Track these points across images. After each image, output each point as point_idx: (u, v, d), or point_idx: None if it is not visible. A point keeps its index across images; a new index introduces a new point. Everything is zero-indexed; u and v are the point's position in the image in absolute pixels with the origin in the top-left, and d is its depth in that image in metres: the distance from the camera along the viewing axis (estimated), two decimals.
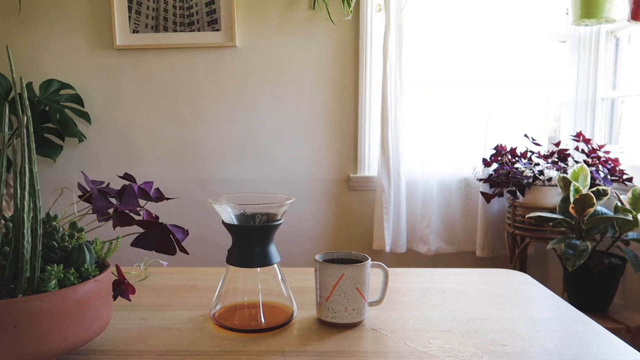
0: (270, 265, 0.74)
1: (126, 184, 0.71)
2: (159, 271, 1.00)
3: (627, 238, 1.67)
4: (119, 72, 2.25)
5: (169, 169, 2.30)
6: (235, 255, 0.73)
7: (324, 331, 0.72)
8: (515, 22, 2.13)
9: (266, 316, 0.73)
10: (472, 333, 0.71)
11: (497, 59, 2.14)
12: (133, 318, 0.76)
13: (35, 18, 2.22)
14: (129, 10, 2.18)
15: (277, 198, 0.74)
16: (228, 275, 0.75)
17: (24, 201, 0.55)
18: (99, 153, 2.30)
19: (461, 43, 2.16)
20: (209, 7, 2.16)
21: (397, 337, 0.69)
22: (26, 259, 0.56)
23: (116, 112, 2.28)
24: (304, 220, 2.30)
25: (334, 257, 0.77)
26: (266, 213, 0.73)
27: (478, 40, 2.15)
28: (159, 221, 0.70)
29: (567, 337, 0.70)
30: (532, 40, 2.15)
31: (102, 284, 0.61)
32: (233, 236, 0.74)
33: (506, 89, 2.16)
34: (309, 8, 2.19)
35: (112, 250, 0.67)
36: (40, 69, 2.24)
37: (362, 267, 0.73)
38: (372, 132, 2.26)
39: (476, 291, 0.90)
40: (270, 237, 0.74)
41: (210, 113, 2.27)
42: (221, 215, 0.74)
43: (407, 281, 0.96)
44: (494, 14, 2.12)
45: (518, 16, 2.13)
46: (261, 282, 0.75)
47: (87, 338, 0.59)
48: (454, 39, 2.16)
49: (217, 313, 0.75)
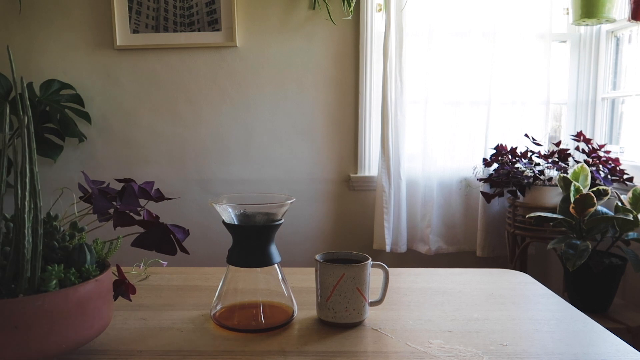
0: (270, 265, 0.74)
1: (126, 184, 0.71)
2: (160, 271, 1.01)
3: (627, 238, 1.67)
4: (120, 72, 2.25)
5: (170, 169, 2.30)
6: (235, 255, 0.73)
7: (324, 331, 0.72)
8: (515, 22, 2.13)
9: (266, 316, 0.74)
10: (473, 333, 0.71)
11: (497, 59, 2.14)
12: (133, 318, 0.76)
13: (35, 18, 2.22)
14: (129, 10, 2.18)
15: (278, 198, 0.74)
16: (228, 275, 0.75)
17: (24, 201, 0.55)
18: (99, 153, 2.30)
19: (461, 43, 2.16)
20: (209, 7, 2.16)
21: (398, 337, 0.69)
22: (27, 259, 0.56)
23: (116, 112, 2.28)
24: (304, 220, 2.30)
25: (334, 257, 0.77)
26: (266, 213, 0.73)
27: (478, 39, 2.15)
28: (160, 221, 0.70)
29: (568, 337, 0.70)
30: (532, 40, 2.14)
31: (103, 284, 0.61)
32: (233, 236, 0.74)
33: (506, 89, 2.16)
34: (309, 8, 2.19)
35: (112, 250, 0.67)
36: (41, 69, 2.24)
37: (363, 267, 0.73)
38: (372, 132, 2.26)
39: (476, 291, 0.90)
40: (270, 237, 0.74)
41: (210, 113, 2.27)
42: (222, 215, 0.74)
43: (407, 281, 0.96)
44: (494, 14, 2.12)
45: (518, 16, 2.13)
46: (261, 282, 0.75)
47: (88, 338, 0.59)
48: (454, 39, 2.16)
49: (217, 313, 0.75)
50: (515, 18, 2.13)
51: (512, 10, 2.12)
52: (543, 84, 2.16)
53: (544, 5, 2.12)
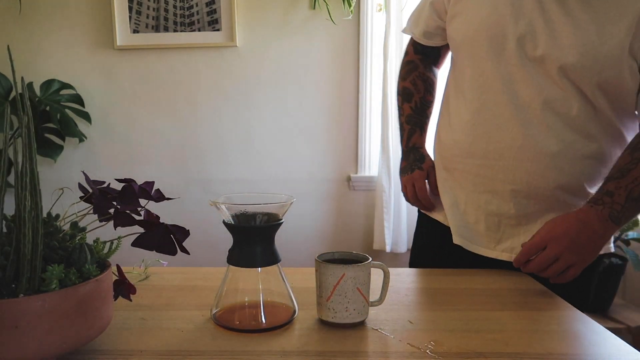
0: (271, 265, 0.74)
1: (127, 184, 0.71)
2: (160, 271, 1.01)
3: (627, 238, 1.67)
4: (120, 72, 2.25)
5: (170, 169, 2.30)
6: (236, 255, 0.73)
7: (324, 331, 0.72)
8: None
9: (267, 316, 0.74)
10: (473, 333, 0.71)
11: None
12: (134, 318, 0.76)
13: (35, 18, 2.22)
14: (130, 10, 2.18)
15: (279, 198, 0.74)
16: (229, 275, 0.75)
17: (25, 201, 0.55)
18: (99, 153, 2.30)
19: None
20: (209, 7, 2.16)
21: (399, 338, 0.69)
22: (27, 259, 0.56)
23: (117, 112, 2.28)
24: (304, 220, 2.30)
25: (334, 257, 0.77)
26: (267, 213, 0.73)
27: None
28: (160, 221, 0.70)
29: (568, 338, 0.70)
30: None
31: (103, 284, 0.61)
32: (234, 236, 0.74)
33: None
34: (310, 8, 2.19)
35: (112, 251, 0.67)
36: (41, 69, 2.24)
37: (363, 267, 0.73)
38: (373, 132, 2.26)
39: (477, 291, 0.90)
40: (271, 237, 0.74)
41: (210, 113, 2.27)
42: (222, 215, 0.74)
43: (407, 281, 0.96)
44: None
45: None
46: (262, 282, 0.75)
47: (88, 338, 0.59)
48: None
49: (218, 313, 0.75)
50: None
51: None
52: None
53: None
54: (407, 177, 1.18)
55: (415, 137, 1.19)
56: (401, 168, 1.22)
